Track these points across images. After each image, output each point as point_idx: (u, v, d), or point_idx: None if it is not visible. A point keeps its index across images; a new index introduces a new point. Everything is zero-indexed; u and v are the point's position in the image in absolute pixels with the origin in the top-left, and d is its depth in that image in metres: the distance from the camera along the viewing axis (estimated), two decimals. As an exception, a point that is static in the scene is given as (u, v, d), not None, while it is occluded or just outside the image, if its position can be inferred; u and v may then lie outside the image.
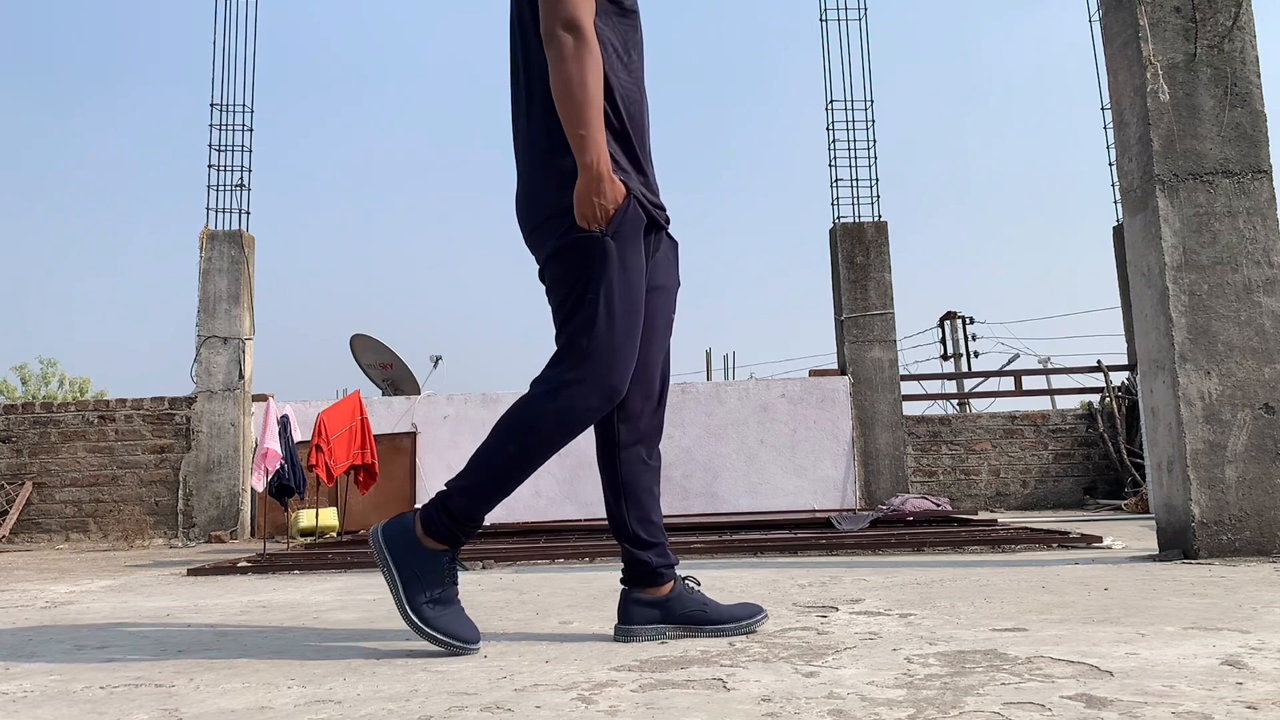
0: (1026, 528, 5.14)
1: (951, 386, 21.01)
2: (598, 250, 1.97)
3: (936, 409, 11.07)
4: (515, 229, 2.16)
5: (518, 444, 1.97)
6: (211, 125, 8.65)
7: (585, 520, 7.78)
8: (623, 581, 2.14)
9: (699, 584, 2.19)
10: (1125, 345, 9.07)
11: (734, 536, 5.20)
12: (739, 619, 2.10)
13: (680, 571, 2.25)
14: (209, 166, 8.60)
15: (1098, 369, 9.18)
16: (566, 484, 8.58)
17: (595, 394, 1.97)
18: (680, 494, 8.52)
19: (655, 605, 2.09)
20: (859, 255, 8.73)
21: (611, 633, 2.14)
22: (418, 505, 7.83)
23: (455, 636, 1.95)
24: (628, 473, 2.14)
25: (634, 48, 2.15)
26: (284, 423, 6.10)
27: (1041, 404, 9.61)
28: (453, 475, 2.02)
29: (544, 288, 2.12)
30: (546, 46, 1.98)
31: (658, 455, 2.18)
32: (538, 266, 2.13)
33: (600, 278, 1.97)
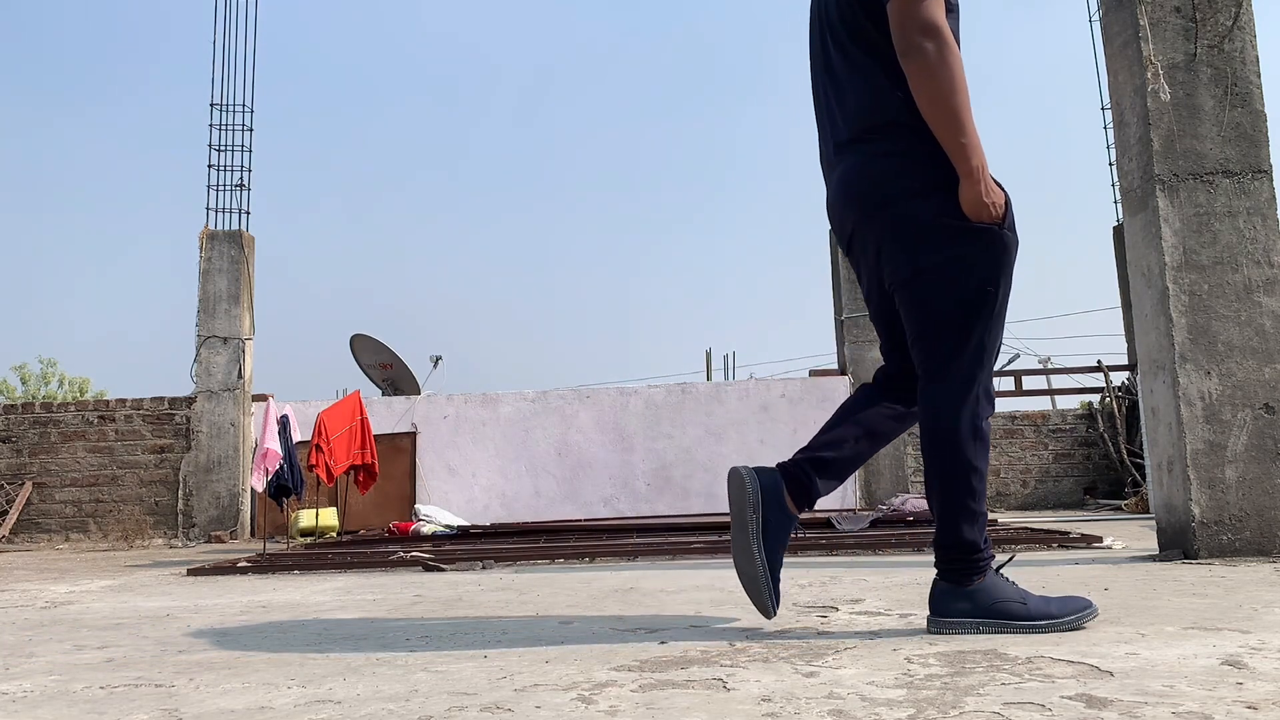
0: (1026, 528, 5.14)
1: (951, 386, 20.92)
2: (1000, 242, 2.03)
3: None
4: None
5: (959, 458, 2.04)
6: (211, 125, 8.67)
7: (585, 520, 7.78)
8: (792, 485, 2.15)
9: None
10: (1125, 345, 9.07)
11: (734, 536, 5.20)
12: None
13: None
14: (209, 166, 8.61)
15: (1098, 369, 9.18)
16: (566, 484, 8.58)
17: (984, 382, 2.09)
18: (680, 494, 8.52)
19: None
20: (859, 255, 8.72)
21: (611, 632, 2.14)
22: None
23: (1065, 612, 1.99)
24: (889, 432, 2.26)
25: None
26: (284, 423, 6.10)
27: (1041, 404, 9.60)
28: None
29: (872, 267, 2.16)
30: (904, 56, 1.98)
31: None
32: (872, 245, 2.13)
33: (1002, 272, 2.04)
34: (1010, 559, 2.23)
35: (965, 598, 1.99)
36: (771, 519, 2.09)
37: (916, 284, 2.07)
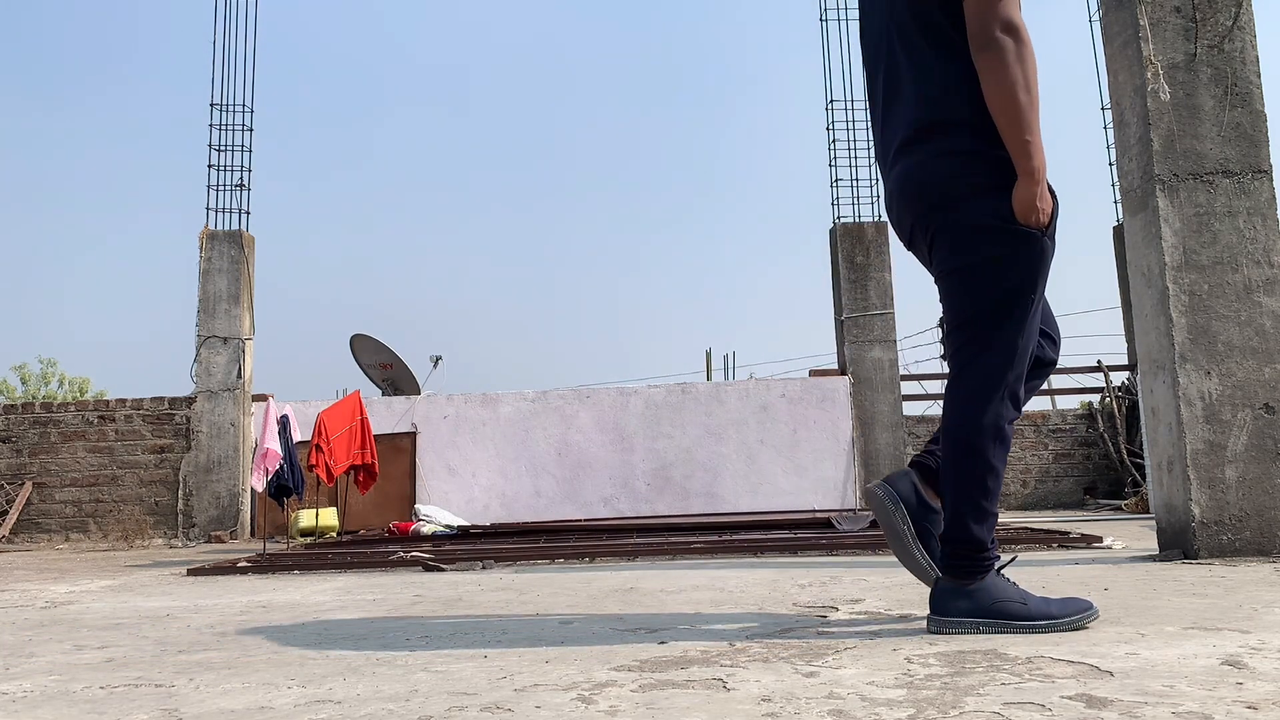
0: (1027, 528, 5.14)
1: (951, 386, 20.91)
2: (1038, 248, 2.05)
3: (937, 409, 11.07)
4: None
5: (976, 454, 2.04)
6: (211, 125, 8.66)
7: (585, 520, 7.78)
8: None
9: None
10: (1125, 345, 9.07)
11: (734, 536, 5.21)
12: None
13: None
14: (209, 166, 8.61)
15: (1098, 369, 9.18)
16: (566, 484, 8.58)
17: (1010, 384, 2.08)
18: (680, 494, 8.52)
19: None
20: (859, 255, 8.73)
21: (611, 632, 2.14)
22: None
23: (1066, 613, 2.00)
24: None
25: None
26: (284, 423, 6.10)
27: (1041, 404, 9.61)
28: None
29: (930, 258, 2.18)
30: (982, 50, 1.99)
31: None
32: (926, 239, 2.15)
33: (1039, 277, 2.06)
34: (1012, 560, 2.23)
35: (966, 596, 2.00)
36: (919, 521, 2.17)
37: (954, 279, 2.10)
